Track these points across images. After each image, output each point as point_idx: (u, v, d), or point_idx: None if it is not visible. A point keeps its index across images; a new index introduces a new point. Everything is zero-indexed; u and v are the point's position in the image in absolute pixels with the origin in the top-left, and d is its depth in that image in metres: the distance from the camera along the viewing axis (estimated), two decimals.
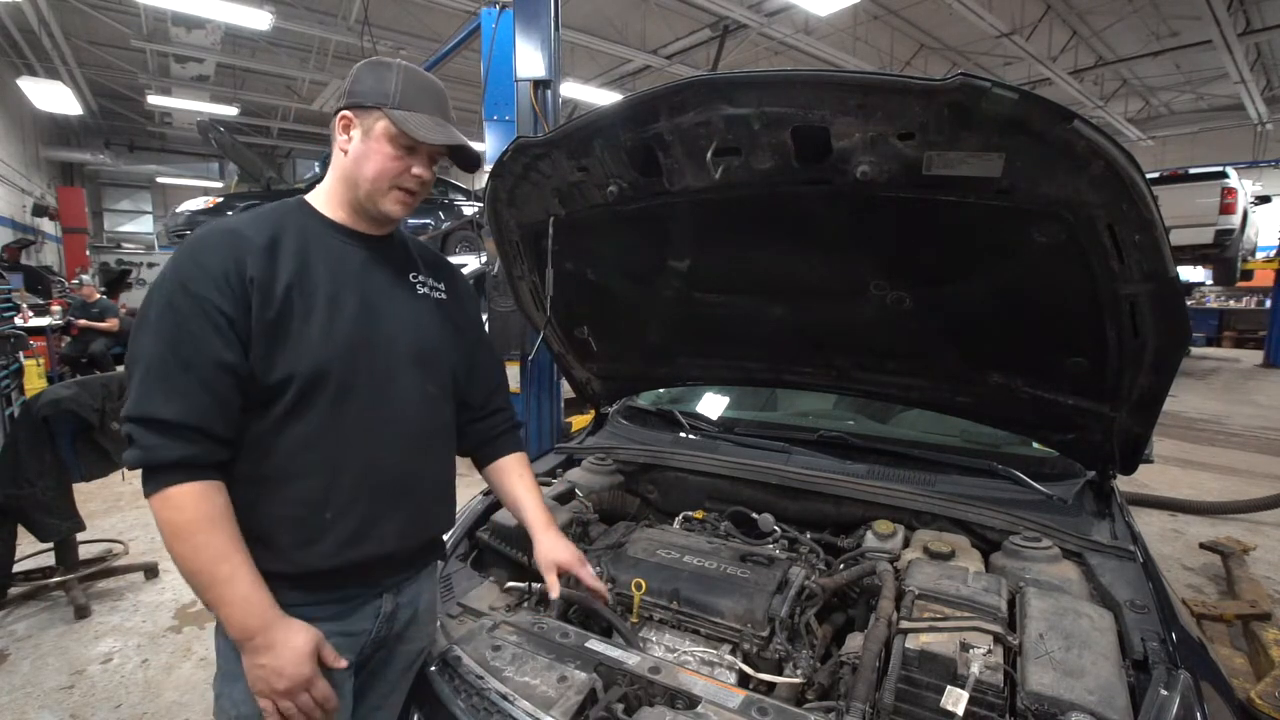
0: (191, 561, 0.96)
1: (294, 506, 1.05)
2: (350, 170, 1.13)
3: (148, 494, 0.97)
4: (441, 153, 1.17)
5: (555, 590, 1.33)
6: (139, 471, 0.98)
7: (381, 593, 1.18)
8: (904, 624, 1.23)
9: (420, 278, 1.26)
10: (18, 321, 7.03)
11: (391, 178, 1.12)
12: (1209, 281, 12.33)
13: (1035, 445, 1.98)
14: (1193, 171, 9.29)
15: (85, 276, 9.41)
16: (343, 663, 1.06)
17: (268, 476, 1.04)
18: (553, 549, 1.35)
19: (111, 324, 8.45)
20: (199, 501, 0.97)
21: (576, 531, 1.75)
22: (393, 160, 1.11)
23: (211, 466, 0.99)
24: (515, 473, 1.43)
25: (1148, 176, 1.18)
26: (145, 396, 0.96)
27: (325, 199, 1.18)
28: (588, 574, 1.35)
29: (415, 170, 1.14)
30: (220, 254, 1.01)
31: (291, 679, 0.98)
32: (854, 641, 1.29)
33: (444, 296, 1.29)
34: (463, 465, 1.39)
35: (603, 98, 11.28)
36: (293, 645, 0.99)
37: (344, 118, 1.13)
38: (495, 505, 1.81)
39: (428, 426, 1.21)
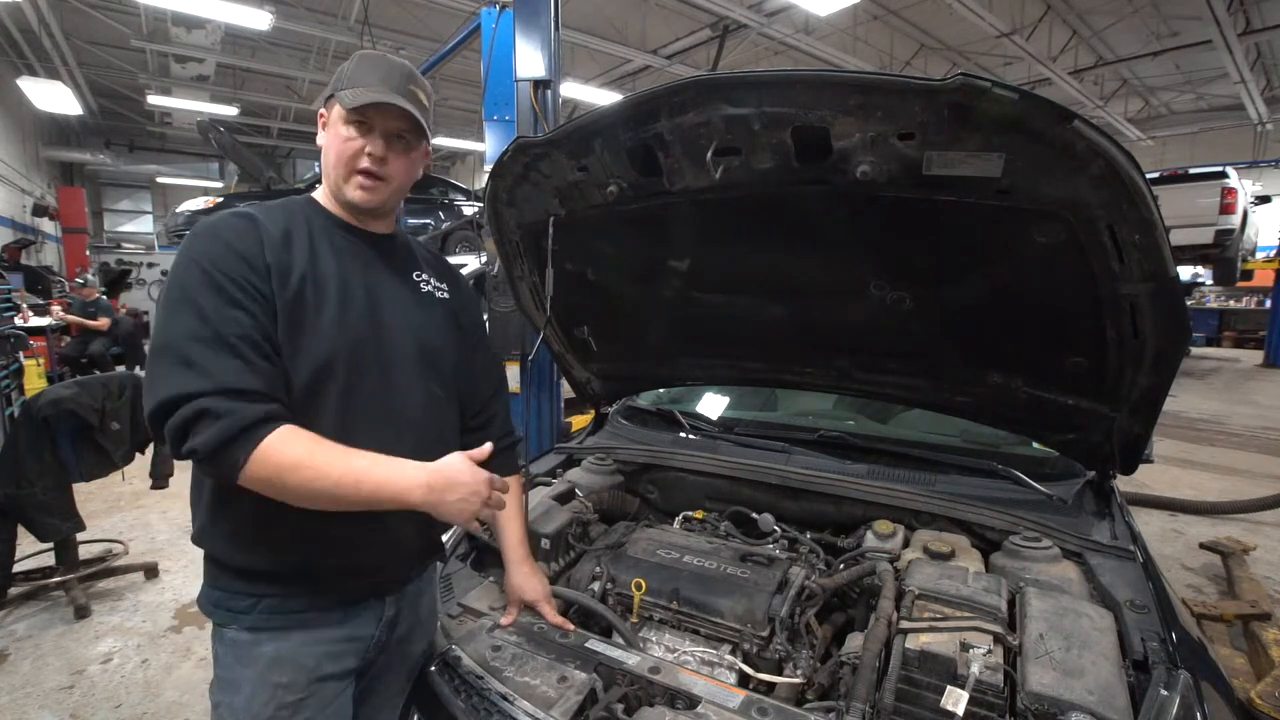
0: (329, 474, 0.95)
1: (299, 506, 1.04)
2: (324, 165, 1.15)
3: (241, 458, 0.91)
4: (400, 128, 1.13)
5: (509, 619, 1.36)
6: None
7: (384, 596, 1.18)
8: (904, 624, 1.23)
9: (424, 277, 1.26)
10: (18, 321, 7.03)
11: (347, 160, 1.11)
12: (1209, 281, 12.33)
13: (1035, 445, 1.98)
14: (1193, 171, 9.29)
15: (90, 276, 9.43)
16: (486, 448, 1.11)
17: None
18: (522, 585, 1.39)
19: (101, 323, 8.42)
20: (297, 433, 0.96)
21: (576, 531, 1.75)
22: (345, 141, 1.11)
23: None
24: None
25: (1148, 176, 1.18)
26: (211, 372, 0.92)
27: (324, 198, 1.18)
28: (550, 611, 1.37)
29: (369, 149, 1.11)
30: (242, 236, 1.02)
31: (481, 488, 1.04)
32: (854, 641, 1.29)
33: (447, 297, 1.29)
34: None
35: (603, 98, 11.26)
36: (456, 466, 1.04)
37: (320, 117, 1.16)
38: None
39: (432, 426, 1.20)
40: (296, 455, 0.94)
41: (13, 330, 5.98)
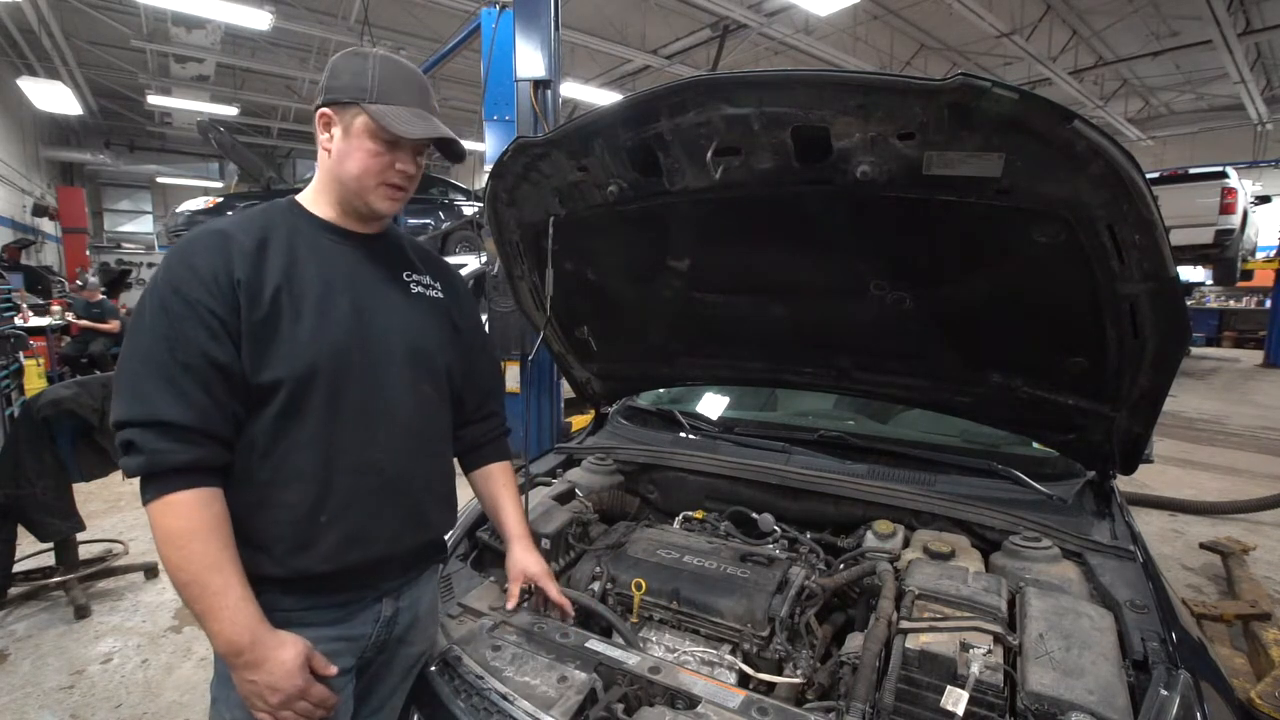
0: (184, 571, 0.94)
1: (288, 510, 1.04)
2: (335, 169, 1.11)
3: (147, 500, 0.95)
4: (426, 145, 1.14)
5: (513, 601, 1.37)
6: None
7: (381, 597, 1.17)
8: (904, 624, 1.23)
9: (415, 276, 1.24)
10: (18, 321, 7.03)
11: (376, 174, 1.10)
12: (1209, 281, 12.34)
13: (1035, 445, 1.98)
14: (1193, 171, 9.28)
15: (92, 279, 9.45)
16: (333, 670, 1.04)
17: (262, 480, 1.03)
18: (522, 559, 1.39)
19: (112, 326, 8.46)
20: (199, 509, 0.95)
21: (576, 531, 1.75)
22: (375, 157, 1.08)
23: (215, 471, 0.99)
24: (499, 481, 1.44)
25: (1148, 176, 1.18)
26: (148, 399, 0.95)
27: (314, 198, 1.16)
28: (553, 588, 1.37)
29: (399, 165, 1.10)
30: (209, 256, 1.00)
31: (285, 693, 0.97)
32: (854, 641, 1.29)
33: (440, 296, 1.27)
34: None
35: (603, 98, 11.27)
36: (282, 660, 0.97)
37: (323, 115, 1.11)
38: None
39: (424, 428, 1.20)
40: (179, 530, 0.94)
41: (13, 330, 5.98)
